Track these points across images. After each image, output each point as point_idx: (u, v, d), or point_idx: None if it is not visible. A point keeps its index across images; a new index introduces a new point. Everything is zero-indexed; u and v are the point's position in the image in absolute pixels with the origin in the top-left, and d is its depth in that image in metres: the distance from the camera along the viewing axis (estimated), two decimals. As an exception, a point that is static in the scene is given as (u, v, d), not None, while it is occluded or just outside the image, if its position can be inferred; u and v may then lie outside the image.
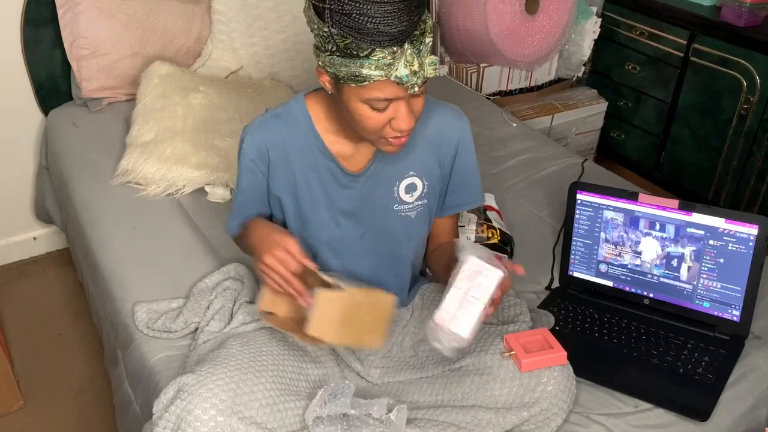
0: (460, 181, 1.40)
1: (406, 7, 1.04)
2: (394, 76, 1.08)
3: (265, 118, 1.32)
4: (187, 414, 1.11)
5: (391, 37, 1.05)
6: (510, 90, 2.97)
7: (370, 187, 1.33)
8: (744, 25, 2.50)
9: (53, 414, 1.96)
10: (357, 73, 1.08)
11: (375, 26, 1.03)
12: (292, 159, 1.30)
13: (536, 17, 2.64)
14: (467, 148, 1.38)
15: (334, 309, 1.19)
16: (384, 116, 1.14)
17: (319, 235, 1.35)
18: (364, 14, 1.03)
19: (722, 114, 2.65)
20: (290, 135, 1.30)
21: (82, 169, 2.03)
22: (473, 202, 1.46)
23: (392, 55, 1.07)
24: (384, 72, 1.07)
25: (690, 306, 1.53)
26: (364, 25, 1.03)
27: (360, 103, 1.13)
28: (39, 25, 2.25)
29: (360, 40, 1.05)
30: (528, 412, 1.24)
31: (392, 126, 1.16)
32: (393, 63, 1.07)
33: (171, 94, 2.07)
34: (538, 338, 1.31)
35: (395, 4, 1.03)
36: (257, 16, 2.32)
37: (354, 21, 1.03)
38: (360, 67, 1.07)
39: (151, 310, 1.52)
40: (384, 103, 1.12)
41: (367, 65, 1.07)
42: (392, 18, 1.03)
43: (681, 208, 1.49)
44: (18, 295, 2.41)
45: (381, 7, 1.03)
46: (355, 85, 1.10)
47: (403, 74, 1.08)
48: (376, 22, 1.03)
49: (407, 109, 1.14)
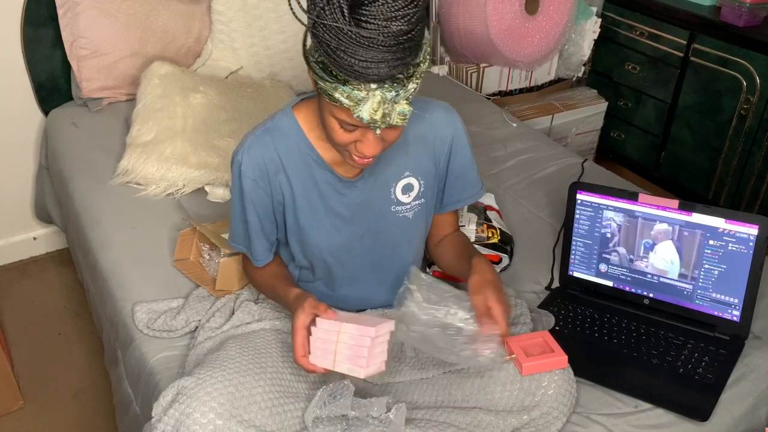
0: (458, 177, 1.40)
1: (391, 57, 1.00)
2: (356, 114, 1.05)
3: (255, 136, 1.27)
4: (185, 417, 1.11)
5: (366, 78, 1.02)
6: (510, 90, 2.97)
7: (367, 192, 1.33)
8: (744, 25, 2.50)
9: (53, 414, 1.96)
10: (330, 92, 1.06)
11: (350, 63, 1.00)
12: (289, 172, 1.28)
13: (536, 17, 2.64)
14: (462, 144, 1.38)
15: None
16: (351, 136, 1.13)
17: (319, 243, 1.35)
18: (343, 50, 0.99)
19: (722, 114, 2.65)
20: (284, 148, 1.27)
21: (82, 169, 2.03)
22: (472, 197, 1.46)
23: (366, 90, 1.03)
24: (352, 104, 1.05)
25: (690, 306, 1.53)
26: (341, 58, 1.00)
27: (330, 117, 1.12)
28: (39, 25, 2.25)
29: (335, 67, 1.02)
30: (528, 416, 1.23)
31: (357, 148, 1.15)
32: (362, 101, 1.04)
33: (171, 94, 2.07)
34: (539, 341, 1.31)
35: (378, 50, 0.99)
36: (257, 16, 2.31)
37: (331, 51, 1.00)
38: (334, 89, 1.05)
39: (150, 309, 1.52)
40: (351, 127, 1.11)
41: (340, 90, 1.04)
42: (371, 63, 1.00)
43: (681, 208, 1.49)
44: (18, 295, 2.41)
45: (363, 51, 0.99)
46: (328, 100, 1.08)
47: (364, 117, 1.05)
48: (354, 61, 1.00)
49: (374, 136, 1.12)
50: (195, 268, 1.65)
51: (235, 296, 1.51)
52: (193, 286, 1.60)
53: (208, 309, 1.49)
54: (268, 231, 1.34)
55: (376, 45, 0.98)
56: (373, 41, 0.98)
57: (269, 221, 1.34)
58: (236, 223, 1.35)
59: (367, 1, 0.97)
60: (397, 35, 0.99)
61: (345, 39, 0.98)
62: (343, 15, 0.98)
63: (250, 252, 1.36)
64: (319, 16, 0.99)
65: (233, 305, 1.48)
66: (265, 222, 1.33)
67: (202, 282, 1.59)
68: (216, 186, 1.94)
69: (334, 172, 1.30)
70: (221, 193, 1.92)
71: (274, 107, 2.17)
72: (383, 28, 0.98)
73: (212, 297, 1.54)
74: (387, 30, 0.98)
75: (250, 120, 2.10)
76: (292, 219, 1.33)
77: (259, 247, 1.35)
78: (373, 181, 1.32)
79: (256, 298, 1.51)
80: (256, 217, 1.31)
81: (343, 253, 1.37)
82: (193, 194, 1.94)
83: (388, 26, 0.98)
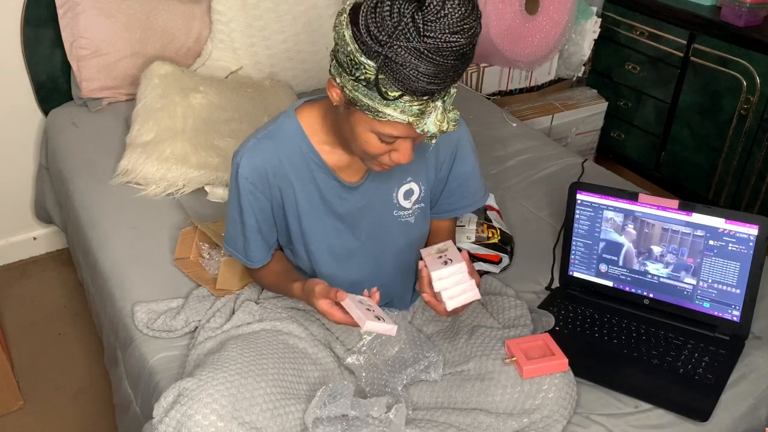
0: (459, 185, 1.40)
1: (453, 68, 1.02)
2: (421, 128, 1.06)
3: (257, 140, 1.27)
4: (187, 419, 1.11)
5: (428, 92, 1.03)
6: (510, 90, 2.97)
7: (369, 196, 1.33)
8: (744, 25, 2.49)
9: (53, 414, 1.96)
10: (379, 109, 1.05)
11: (417, 80, 1.01)
12: (291, 178, 1.28)
13: (536, 17, 2.64)
14: (466, 153, 1.38)
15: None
16: (388, 147, 1.14)
17: (322, 247, 1.35)
18: (416, 69, 1.00)
19: (722, 114, 2.65)
20: (286, 153, 1.27)
21: (81, 169, 2.03)
22: (472, 205, 1.46)
23: (421, 104, 1.05)
24: (409, 118, 1.05)
25: (690, 306, 1.52)
26: (409, 78, 1.00)
27: (368, 132, 1.12)
28: (39, 25, 2.25)
29: (399, 87, 1.02)
30: (529, 419, 1.24)
31: (391, 157, 1.15)
32: (422, 114, 1.05)
33: (171, 94, 2.07)
34: (540, 344, 1.31)
35: (445, 65, 1.01)
36: (257, 16, 2.31)
37: (404, 73, 1.00)
38: (384, 106, 1.05)
39: (150, 310, 1.52)
40: (393, 139, 1.12)
41: (393, 107, 1.05)
42: (438, 78, 1.01)
43: (681, 208, 1.49)
44: (18, 295, 2.41)
45: (432, 66, 1.00)
46: (371, 116, 1.08)
47: (430, 130, 1.07)
48: (423, 77, 1.01)
49: (412, 146, 1.14)
50: (195, 267, 1.65)
51: (236, 296, 1.51)
52: (193, 286, 1.60)
53: (208, 309, 1.49)
54: (265, 233, 1.34)
55: (442, 59, 1.00)
56: (439, 55, 0.99)
57: (268, 224, 1.34)
58: (231, 226, 1.35)
59: (433, 17, 0.98)
60: (462, 47, 1.00)
61: (413, 55, 0.99)
62: (418, 33, 0.98)
63: (246, 253, 1.36)
64: (395, 38, 0.99)
65: (233, 305, 1.48)
66: (263, 224, 1.33)
67: (202, 281, 1.59)
68: (216, 186, 1.94)
69: (337, 177, 1.29)
70: (221, 193, 1.92)
71: (274, 107, 2.17)
72: (450, 43, 0.99)
73: (212, 297, 1.54)
74: (454, 44, 0.99)
75: (250, 120, 2.10)
76: (296, 224, 1.33)
77: (255, 248, 1.35)
78: (375, 185, 1.32)
79: (256, 298, 1.51)
80: (254, 218, 1.31)
81: (344, 256, 1.37)
82: (193, 194, 1.94)
83: (455, 40, 0.99)
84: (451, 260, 1.22)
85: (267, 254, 1.37)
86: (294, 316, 1.43)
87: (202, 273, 1.62)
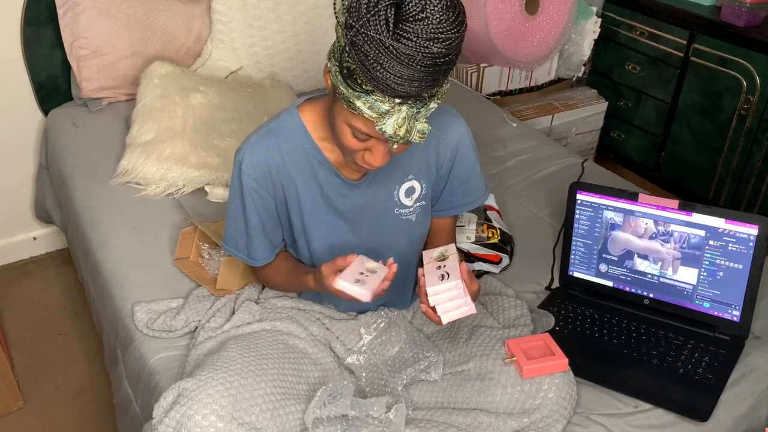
0: (460, 183, 1.40)
1: (425, 76, 1.00)
2: (379, 126, 1.05)
3: (260, 136, 1.27)
4: (187, 420, 1.11)
5: (396, 93, 1.01)
6: (510, 90, 2.97)
7: (370, 194, 1.33)
8: (744, 25, 2.50)
9: (53, 414, 1.96)
10: (352, 100, 1.05)
11: (384, 77, 1.00)
12: (294, 174, 1.28)
13: (536, 17, 2.64)
14: (466, 151, 1.37)
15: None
16: (361, 144, 1.13)
17: (323, 244, 1.35)
18: (380, 63, 0.99)
19: (722, 114, 2.65)
20: (288, 149, 1.27)
21: (81, 169, 2.03)
22: (473, 203, 1.46)
23: (390, 104, 1.03)
24: (374, 115, 1.04)
25: (690, 306, 1.52)
26: (375, 69, 0.99)
27: (343, 123, 1.11)
28: (39, 25, 2.25)
29: (367, 77, 1.01)
30: (529, 419, 1.24)
31: (364, 158, 1.15)
32: (386, 114, 1.04)
33: (171, 94, 2.07)
34: (540, 344, 1.31)
35: (414, 69, 0.99)
36: (257, 16, 2.31)
37: (368, 62, 1.00)
38: (356, 98, 1.04)
39: (150, 309, 1.52)
40: (365, 136, 1.11)
41: (363, 99, 1.04)
42: (405, 79, 1.00)
43: (681, 208, 1.49)
44: (18, 295, 2.41)
45: (399, 67, 0.99)
46: (345, 107, 1.07)
47: (387, 131, 1.05)
48: (388, 75, 0.99)
49: (385, 149, 1.13)
50: (195, 267, 1.65)
51: (236, 296, 1.51)
52: (193, 286, 1.60)
53: (208, 309, 1.49)
54: (269, 230, 1.34)
55: (413, 63, 0.99)
56: (411, 59, 0.98)
57: (272, 221, 1.33)
58: (232, 225, 1.35)
59: (411, 18, 0.97)
60: (435, 57, 0.99)
61: (384, 52, 0.98)
62: (387, 28, 0.97)
63: (248, 252, 1.35)
64: (362, 25, 0.98)
65: (233, 305, 1.48)
66: (266, 221, 1.32)
67: (202, 281, 1.59)
68: (216, 186, 1.94)
69: (338, 174, 1.29)
70: (221, 193, 1.92)
71: (274, 107, 2.17)
72: (423, 48, 0.98)
73: (212, 297, 1.54)
74: (426, 50, 0.98)
75: (250, 120, 2.10)
76: (298, 220, 1.33)
77: (258, 245, 1.35)
78: (376, 183, 1.32)
79: (256, 298, 1.51)
80: (257, 215, 1.31)
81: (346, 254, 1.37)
82: (193, 194, 1.94)
83: (428, 47, 0.98)
84: (448, 274, 1.21)
85: (270, 252, 1.37)
86: (294, 316, 1.43)
87: (202, 273, 1.62)
